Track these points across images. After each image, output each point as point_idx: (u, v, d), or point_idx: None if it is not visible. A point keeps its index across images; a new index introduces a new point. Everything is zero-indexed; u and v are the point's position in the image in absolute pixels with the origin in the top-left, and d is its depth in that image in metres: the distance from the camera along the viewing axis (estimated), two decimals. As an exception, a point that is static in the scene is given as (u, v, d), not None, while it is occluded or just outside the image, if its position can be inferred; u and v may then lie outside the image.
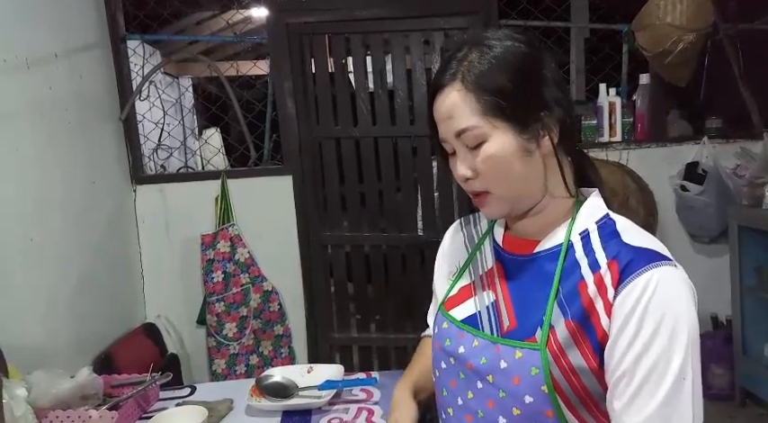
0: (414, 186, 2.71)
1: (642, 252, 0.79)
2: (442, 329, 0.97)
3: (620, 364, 0.77)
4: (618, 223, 0.86)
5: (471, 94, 0.83)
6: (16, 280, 1.71)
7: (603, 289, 0.79)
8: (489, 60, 0.83)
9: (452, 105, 0.84)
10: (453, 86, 0.84)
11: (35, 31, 1.92)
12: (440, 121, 0.88)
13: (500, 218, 0.94)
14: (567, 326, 0.80)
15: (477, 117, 0.82)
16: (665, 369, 0.74)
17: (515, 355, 0.83)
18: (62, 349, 1.92)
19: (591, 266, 0.82)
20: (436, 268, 1.11)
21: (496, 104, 0.82)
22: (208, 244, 2.57)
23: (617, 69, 2.86)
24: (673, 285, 0.77)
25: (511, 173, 0.84)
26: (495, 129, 0.82)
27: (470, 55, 0.85)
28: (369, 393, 1.51)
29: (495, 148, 0.83)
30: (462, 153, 0.87)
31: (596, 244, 0.84)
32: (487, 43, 0.85)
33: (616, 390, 0.78)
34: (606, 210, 0.89)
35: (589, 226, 0.87)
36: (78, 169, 2.14)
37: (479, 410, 0.88)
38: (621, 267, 0.79)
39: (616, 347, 0.77)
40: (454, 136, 0.85)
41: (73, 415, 1.34)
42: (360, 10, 2.57)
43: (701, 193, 2.57)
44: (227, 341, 2.59)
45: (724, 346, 2.59)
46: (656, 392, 0.74)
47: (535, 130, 0.83)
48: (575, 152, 0.91)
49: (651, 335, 0.75)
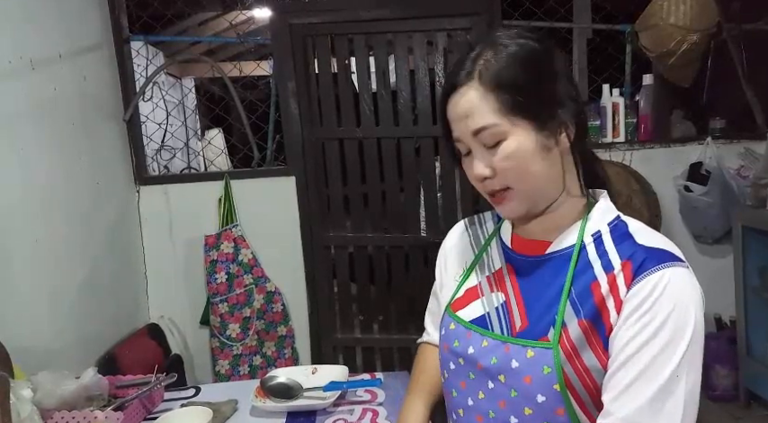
0: (417, 187, 2.71)
1: (656, 252, 0.80)
2: (449, 331, 0.96)
3: (620, 355, 0.77)
4: (630, 225, 0.87)
5: (490, 93, 0.82)
6: (20, 281, 1.71)
7: (616, 288, 0.80)
8: (505, 58, 0.83)
9: (470, 104, 0.84)
10: (471, 85, 0.84)
11: (39, 33, 1.92)
12: (455, 121, 0.87)
13: (518, 217, 0.93)
14: (579, 325, 0.81)
15: (497, 115, 0.82)
16: (663, 365, 0.75)
17: (527, 355, 0.83)
18: (66, 350, 1.92)
19: (605, 267, 0.82)
20: (439, 269, 1.11)
21: (515, 102, 0.81)
22: (211, 245, 2.57)
23: (620, 70, 2.86)
24: (683, 285, 0.78)
25: (531, 170, 0.84)
26: (514, 126, 0.82)
27: (485, 54, 0.84)
28: (373, 394, 1.52)
29: (514, 146, 0.82)
30: (480, 152, 0.86)
31: (609, 246, 0.84)
32: (501, 42, 0.85)
33: (611, 379, 0.78)
34: (617, 212, 0.90)
35: (601, 228, 0.87)
36: (82, 170, 2.14)
37: (491, 411, 0.88)
38: (635, 267, 0.79)
39: (618, 338, 0.78)
40: (471, 135, 0.85)
41: (78, 416, 1.34)
42: (363, 11, 2.57)
43: (705, 193, 2.56)
44: (230, 342, 2.59)
45: (728, 347, 2.58)
46: (649, 386, 0.75)
47: (553, 126, 0.84)
48: (587, 152, 0.92)
49: (656, 330, 0.75)
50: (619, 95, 2.73)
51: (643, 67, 2.80)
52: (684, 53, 2.47)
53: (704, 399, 2.57)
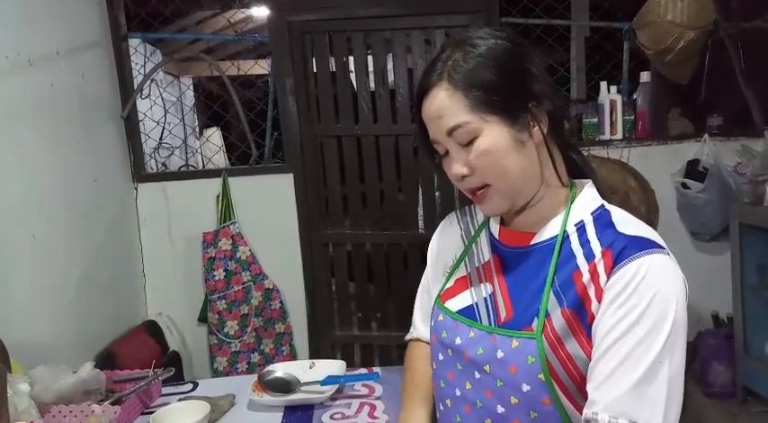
0: (415, 184, 2.71)
1: (636, 240, 0.81)
2: (438, 322, 0.98)
3: (602, 343, 0.78)
4: (613, 214, 0.87)
5: (459, 92, 0.84)
6: (18, 277, 1.71)
7: (597, 276, 0.80)
8: (474, 58, 0.84)
9: (441, 104, 0.85)
10: (440, 86, 0.85)
11: (37, 29, 1.92)
12: (429, 122, 0.89)
13: (499, 214, 0.95)
14: (563, 315, 0.82)
15: (467, 113, 0.84)
16: (645, 351, 0.75)
17: (512, 345, 0.84)
18: (64, 346, 1.92)
19: (586, 256, 0.83)
20: (430, 259, 1.12)
21: (485, 98, 0.83)
22: (209, 242, 2.57)
23: (618, 67, 2.86)
24: (664, 272, 0.78)
25: (507, 165, 0.85)
26: (486, 123, 0.84)
27: (454, 55, 0.86)
28: (371, 389, 1.52)
29: (488, 142, 0.84)
30: (455, 151, 0.87)
31: (592, 235, 0.85)
32: (470, 42, 0.86)
33: (595, 368, 0.78)
34: (601, 201, 0.91)
35: (584, 217, 0.88)
36: (80, 167, 2.14)
37: (477, 400, 0.89)
38: (615, 255, 0.80)
39: (600, 326, 0.79)
40: (446, 135, 0.86)
41: (75, 410, 1.34)
42: (361, 8, 2.58)
43: (703, 190, 2.56)
44: (228, 339, 2.59)
45: (725, 344, 2.58)
46: (631, 373, 0.75)
47: (525, 120, 0.85)
48: (564, 144, 0.93)
49: (637, 317, 0.76)
50: (616, 93, 2.73)
51: (641, 65, 2.80)
52: (682, 50, 2.47)
53: (701, 395, 2.57)
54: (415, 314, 1.18)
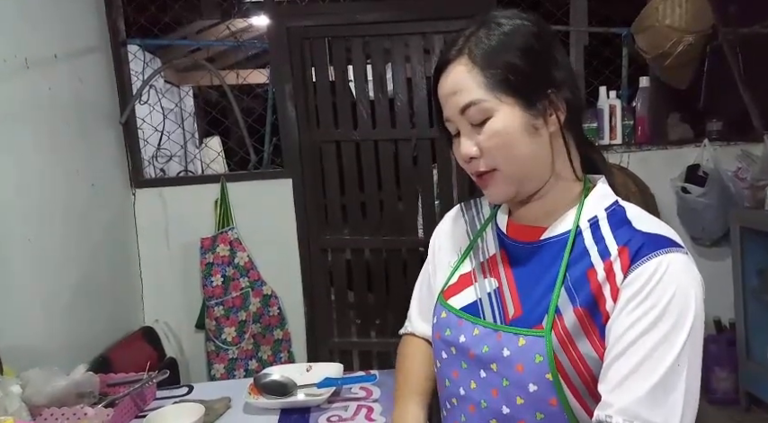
0: (414, 191, 2.70)
1: (654, 238, 0.78)
2: (440, 319, 0.95)
3: (617, 343, 0.75)
4: (628, 210, 0.84)
5: (477, 68, 0.82)
6: (14, 282, 1.69)
7: (612, 275, 0.78)
8: (498, 36, 0.82)
9: (458, 80, 0.83)
10: (459, 61, 0.83)
11: (35, 32, 1.92)
12: (445, 98, 0.86)
13: (504, 201, 0.91)
14: (575, 313, 0.79)
15: (483, 90, 0.81)
16: (664, 354, 0.72)
17: (519, 343, 0.81)
18: (59, 352, 1.89)
19: (601, 254, 0.80)
20: (432, 252, 1.09)
21: (503, 78, 0.80)
22: (207, 248, 2.56)
23: (617, 73, 2.86)
24: (683, 272, 0.75)
25: (517, 150, 0.82)
26: (501, 103, 0.81)
27: (478, 32, 0.84)
28: (368, 391, 1.50)
29: (501, 124, 0.81)
30: (467, 131, 0.85)
31: (606, 231, 0.82)
32: (496, 21, 0.84)
33: (609, 369, 0.75)
34: (615, 197, 0.88)
35: (598, 213, 0.85)
36: (78, 171, 2.13)
37: (483, 400, 0.86)
38: (632, 253, 0.77)
39: (616, 326, 0.76)
40: (459, 112, 0.84)
41: (68, 412, 1.32)
42: (359, 14, 2.58)
43: (703, 195, 2.55)
44: (226, 346, 2.57)
45: (728, 349, 2.56)
46: (649, 377, 0.72)
47: (542, 106, 0.82)
48: (582, 139, 0.90)
49: (656, 318, 0.73)
50: (616, 98, 2.74)
51: (640, 70, 2.80)
52: (680, 54, 2.47)
53: (704, 402, 2.54)
54: (412, 307, 1.16)
